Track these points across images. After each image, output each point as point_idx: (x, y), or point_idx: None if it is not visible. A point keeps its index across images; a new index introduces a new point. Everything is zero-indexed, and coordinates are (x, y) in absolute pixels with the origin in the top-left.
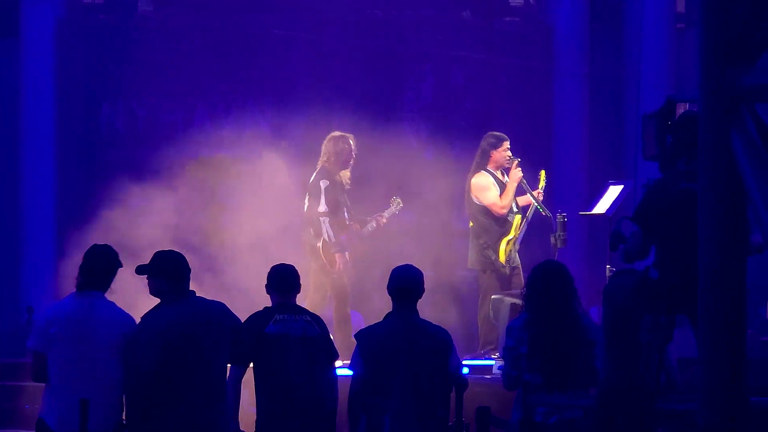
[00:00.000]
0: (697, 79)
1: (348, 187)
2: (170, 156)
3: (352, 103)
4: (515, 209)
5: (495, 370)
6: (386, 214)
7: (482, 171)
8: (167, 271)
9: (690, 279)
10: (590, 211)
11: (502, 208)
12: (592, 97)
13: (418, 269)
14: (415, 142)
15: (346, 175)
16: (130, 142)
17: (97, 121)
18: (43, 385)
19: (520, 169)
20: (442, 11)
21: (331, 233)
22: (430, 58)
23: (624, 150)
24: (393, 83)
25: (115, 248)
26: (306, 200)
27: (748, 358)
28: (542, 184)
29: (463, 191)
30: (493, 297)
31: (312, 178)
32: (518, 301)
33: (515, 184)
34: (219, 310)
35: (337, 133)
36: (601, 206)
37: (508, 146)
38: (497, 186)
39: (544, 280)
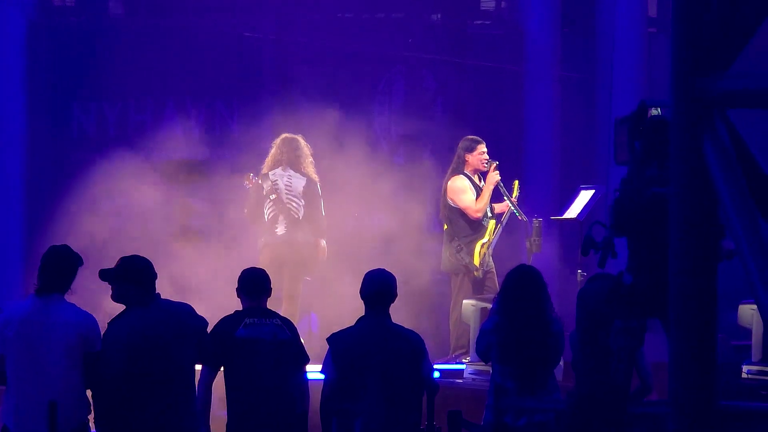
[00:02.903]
0: (669, 85)
1: None
2: (140, 157)
3: (322, 106)
4: (489, 214)
5: (466, 375)
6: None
7: (459, 174)
8: (134, 277)
9: (662, 284)
10: (561, 215)
11: (477, 211)
12: (564, 100)
13: (390, 273)
14: (386, 145)
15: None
16: (101, 144)
17: (67, 122)
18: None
19: (497, 172)
20: (413, 14)
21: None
22: (401, 61)
23: (596, 154)
24: (364, 86)
25: (81, 248)
26: (299, 205)
27: (718, 362)
28: (516, 193)
29: (434, 195)
30: (464, 301)
31: (301, 182)
32: (490, 306)
33: (491, 188)
34: (185, 312)
35: (298, 136)
36: (573, 211)
37: (484, 150)
38: (473, 189)
39: (518, 285)
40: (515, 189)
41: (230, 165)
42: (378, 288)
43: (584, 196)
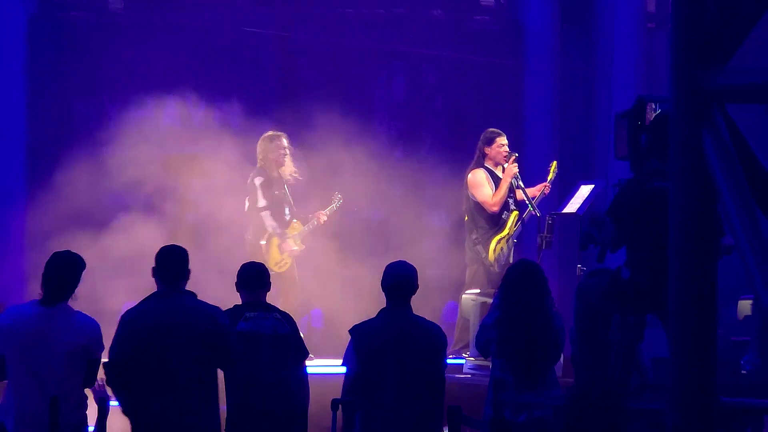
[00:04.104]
0: (669, 79)
1: (291, 182)
2: (141, 152)
3: (323, 101)
4: (512, 206)
5: (466, 369)
6: (327, 211)
7: (479, 168)
8: (158, 266)
9: (661, 279)
10: (561, 210)
11: (493, 205)
12: (563, 95)
13: (411, 266)
14: (386, 140)
15: (287, 171)
16: (102, 139)
17: (68, 117)
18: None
19: (516, 165)
20: (413, 9)
21: (274, 224)
22: (401, 56)
23: (595, 149)
24: (364, 81)
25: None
26: (246, 202)
27: (717, 357)
28: (551, 176)
29: (435, 189)
30: (464, 296)
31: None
32: (489, 300)
33: (509, 180)
34: (202, 312)
35: (269, 133)
36: (572, 206)
37: (504, 142)
38: (492, 182)
39: (518, 280)
40: (551, 171)
41: (230, 160)
42: (399, 280)
43: (584, 191)
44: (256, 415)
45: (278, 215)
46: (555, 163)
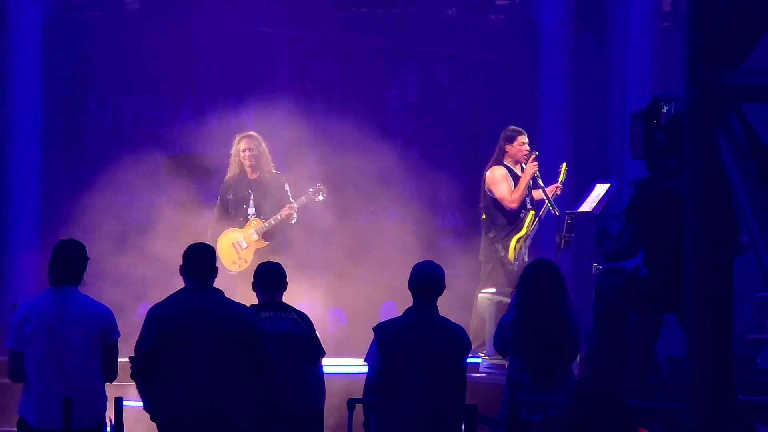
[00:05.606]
0: (683, 79)
1: (269, 178)
2: (156, 153)
3: (337, 101)
4: (529, 205)
5: (482, 368)
6: (296, 204)
7: (498, 165)
8: (185, 262)
9: (678, 277)
10: (576, 209)
11: (512, 202)
12: (577, 95)
13: (438, 266)
14: (400, 139)
15: (265, 170)
16: (117, 140)
17: (84, 118)
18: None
19: (536, 163)
20: (427, 9)
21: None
22: (416, 55)
23: (609, 148)
24: (378, 81)
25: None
26: None
27: (734, 355)
28: (562, 177)
29: (449, 189)
30: (480, 294)
31: None
32: (505, 299)
33: (528, 178)
34: (232, 310)
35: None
36: (588, 204)
37: (525, 140)
38: (511, 180)
39: (535, 279)
40: (562, 172)
41: None
42: (426, 280)
43: (599, 190)
44: (270, 415)
45: (237, 214)
46: (565, 164)
